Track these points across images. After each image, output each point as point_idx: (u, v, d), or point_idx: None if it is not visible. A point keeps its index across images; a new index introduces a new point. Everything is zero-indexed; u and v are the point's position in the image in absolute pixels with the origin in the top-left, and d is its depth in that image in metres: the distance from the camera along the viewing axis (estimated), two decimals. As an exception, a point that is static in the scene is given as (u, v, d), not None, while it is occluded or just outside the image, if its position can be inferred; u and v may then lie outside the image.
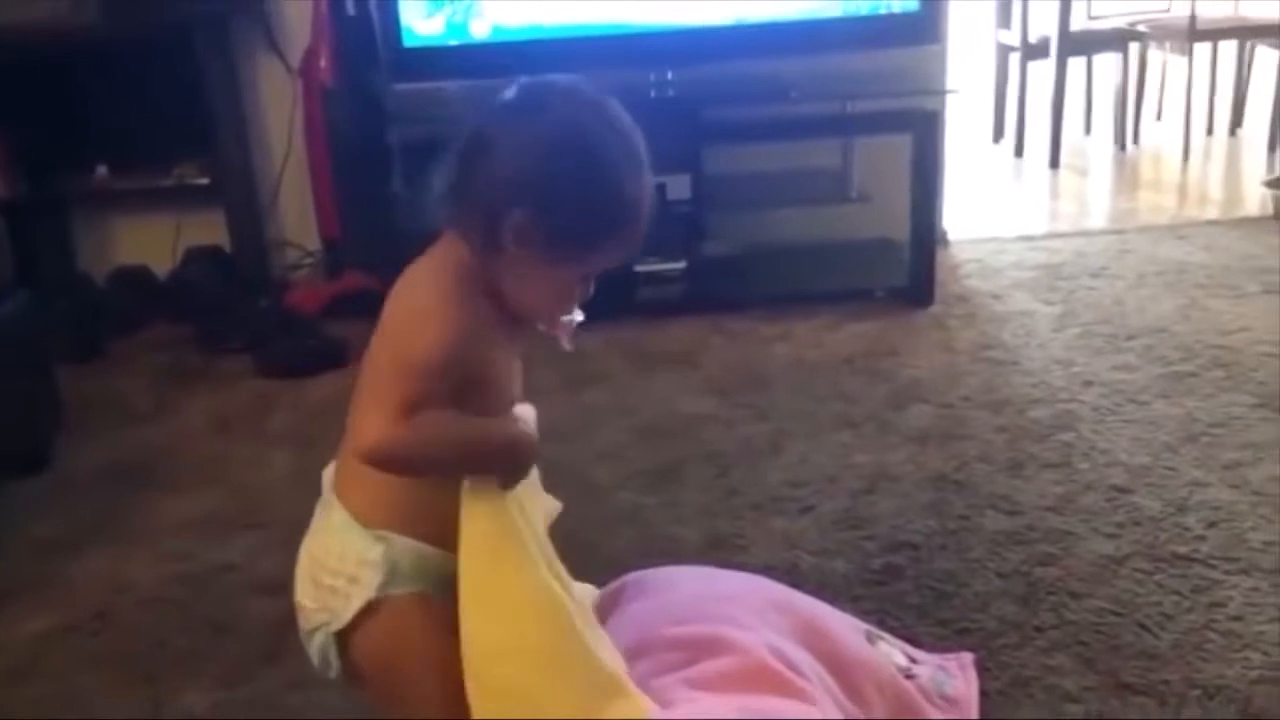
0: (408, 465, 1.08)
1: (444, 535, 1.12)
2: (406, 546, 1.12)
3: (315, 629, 1.16)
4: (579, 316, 1.17)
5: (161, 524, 2.03)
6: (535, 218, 1.06)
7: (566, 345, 1.18)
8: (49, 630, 1.73)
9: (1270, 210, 3.35)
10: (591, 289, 1.14)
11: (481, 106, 1.13)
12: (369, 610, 1.12)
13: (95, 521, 2.05)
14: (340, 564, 1.13)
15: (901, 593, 1.64)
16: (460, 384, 1.07)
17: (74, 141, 3.02)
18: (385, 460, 1.07)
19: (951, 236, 3.35)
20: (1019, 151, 4.35)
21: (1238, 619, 1.54)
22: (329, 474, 1.19)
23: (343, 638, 1.14)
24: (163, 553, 1.93)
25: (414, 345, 1.06)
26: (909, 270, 2.86)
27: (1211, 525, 1.77)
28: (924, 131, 2.76)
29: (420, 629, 1.13)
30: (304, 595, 1.17)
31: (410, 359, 1.05)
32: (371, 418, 1.06)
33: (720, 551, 1.79)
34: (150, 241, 3.17)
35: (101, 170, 3.06)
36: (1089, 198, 3.98)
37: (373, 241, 3.01)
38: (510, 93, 1.13)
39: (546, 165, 1.07)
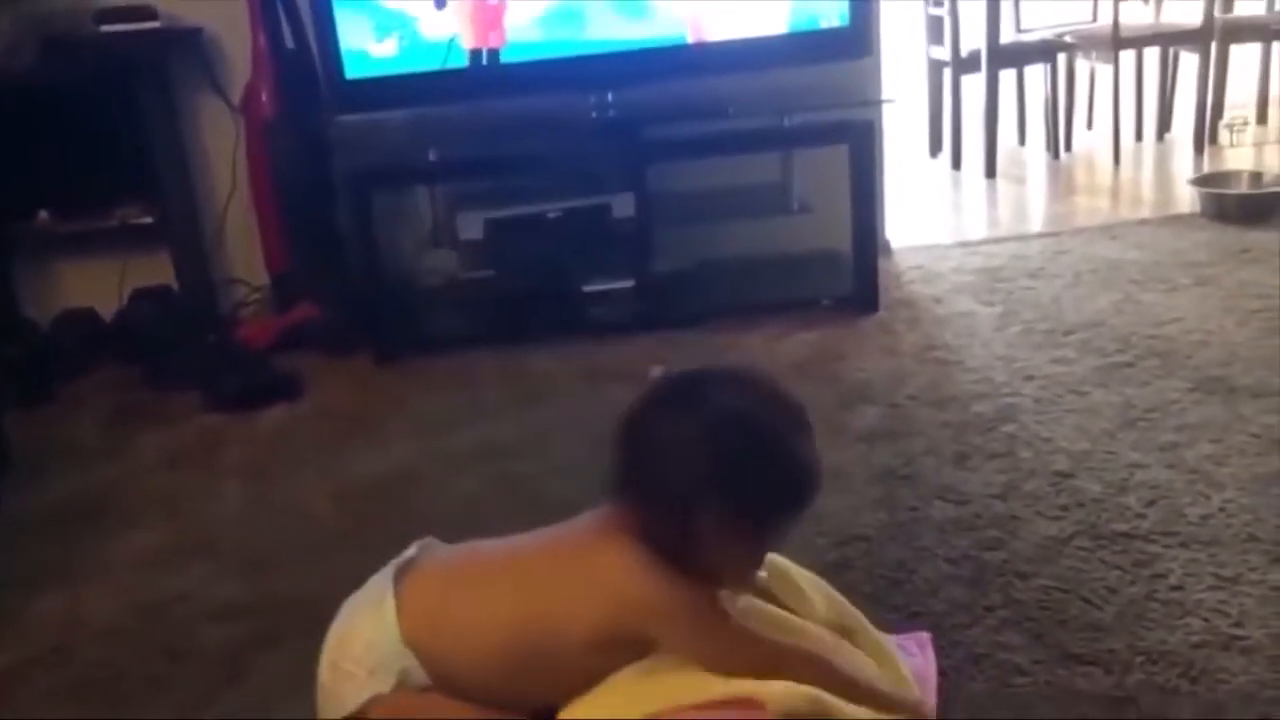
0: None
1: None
2: (422, 678, 1.18)
3: (329, 708, 1.22)
4: (763, 573, 1.25)
5: (115, 559, 2.02)
6: (727, 511, 1.10)
7: (747, 592, 1.24)
8: (7, 666, 1.71)
9: (1198, 208, 3.46)
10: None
11: (635, 402, 1.15)
12: (375, 700, 1.18)
13: (48, 559, 2.03)
14: (366, 652, 1.18)
15: (854, 582, 1.67)
16: None
17: (14, 186, 3.00)
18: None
19: (894, 246, 3.42)
20: (956, 164, 4.44)
21: (1178, 589, 1.58)
22: (404, 557, 1.25)
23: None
24: (117, 586, 1.92)
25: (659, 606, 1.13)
26: (853, 278, 2.91)
27: (1150, 503, 1.82)
28: (860, 142, 2.82)
29: (428, 705, 1.18)
30: (324, 674, 1.23)
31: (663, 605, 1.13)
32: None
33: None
34: (96, 284, 3.15)
35: (43, 214, 3.05)
36: (1026, 204, 4.07)
37: (320, 274, 3.03)
38: (661, 389, 1.16)
39: (724, 459, 1.10)
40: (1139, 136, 4.52)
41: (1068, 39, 4.40)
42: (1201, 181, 3.57)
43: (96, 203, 3.04)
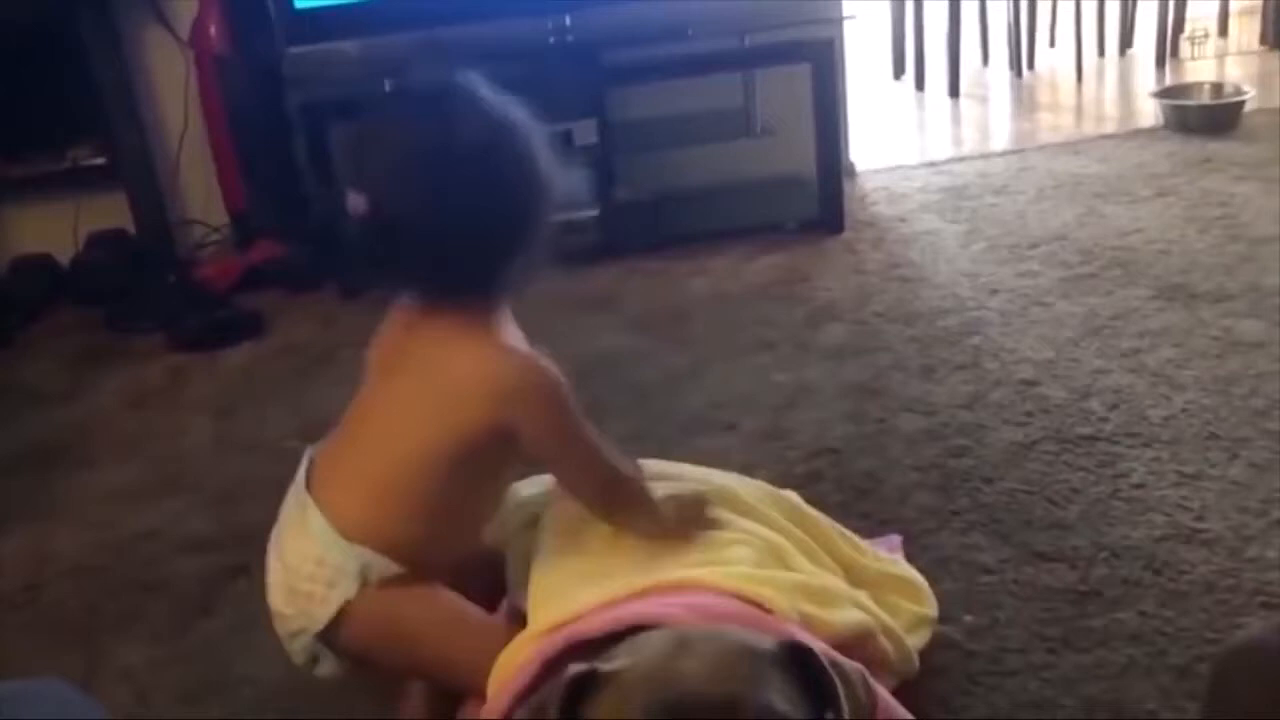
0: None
1: (428, 572, 1.17)
2: (384, 566, 1.15)
3: (296, 633, 1.18)
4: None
5: (83, 498, 2.01)
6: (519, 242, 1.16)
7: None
8: (-24, 606, 1.71)
9: (1161, 121, 3.46)
10: None
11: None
12: (347, 608, 1.15)
13: (15, 501, 2.02)
14: (318, 569, 1.15)
15: (824, 493, 1.69)
16: None
17: (-41, 131, 2.93)
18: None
19: (859, 168, 3.40)
20: (920, 85, 4.41)
21: (1140, 486, 1.61)
22: (303, 469, 1.23)
23: (329, 632, 1.17)
24: (86, 524, 1.91)
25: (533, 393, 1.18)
26: (818, 200, 2.90)
27: (1114, 407, 1.84)
28: (822, 60, 2.79)
29: (406, 597, 1.17)
30: (280, 602, 1.19)
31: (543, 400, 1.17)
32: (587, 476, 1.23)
33: (647, 473, 1.81)
34: (50, 228, 3.08)
35: (-9, 159, 2.98)
36: (989, 123, 4.06)
37: (280, 210, 2.98)
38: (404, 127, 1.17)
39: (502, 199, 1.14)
40: (1101, 52, 4.50)
41: (1029, -45, 4.35)
42: (1164, 94, 3.57)
43: (46, 145, 2.97)
